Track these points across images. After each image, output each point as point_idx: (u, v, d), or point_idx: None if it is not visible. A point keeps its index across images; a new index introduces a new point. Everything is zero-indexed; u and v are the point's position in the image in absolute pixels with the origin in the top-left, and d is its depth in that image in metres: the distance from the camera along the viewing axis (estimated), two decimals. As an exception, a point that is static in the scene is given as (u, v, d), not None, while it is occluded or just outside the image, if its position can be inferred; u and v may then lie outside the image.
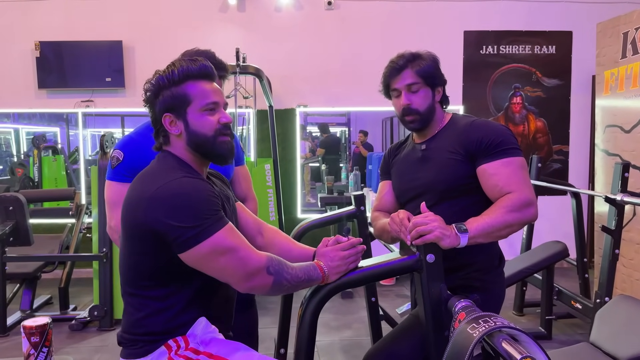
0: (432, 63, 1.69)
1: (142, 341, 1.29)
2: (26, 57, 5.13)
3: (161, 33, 5.19)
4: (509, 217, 1.50)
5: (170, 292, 1.28)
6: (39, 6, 5.12)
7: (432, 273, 1.42)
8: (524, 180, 1.58)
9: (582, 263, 3.96)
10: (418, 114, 1.69)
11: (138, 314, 1.30)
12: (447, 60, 5.31)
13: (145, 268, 1.28)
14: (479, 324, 1.19)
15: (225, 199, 1.41)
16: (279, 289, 1.29)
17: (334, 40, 5.27)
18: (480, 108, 5.41)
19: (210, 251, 1.19)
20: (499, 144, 1.58)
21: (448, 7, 5.32)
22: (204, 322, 1.29)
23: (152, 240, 1.22)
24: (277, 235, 1.57)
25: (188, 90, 1.31)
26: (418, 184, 1.71)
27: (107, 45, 5.15)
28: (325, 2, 5.23)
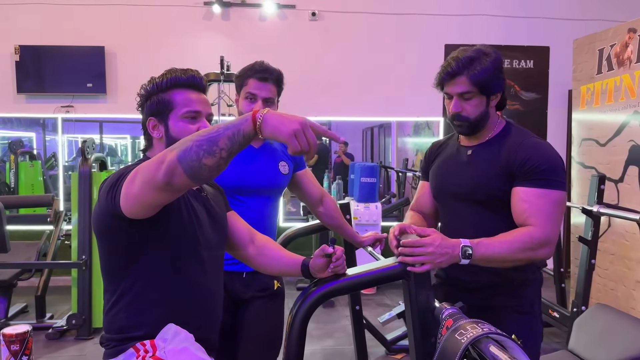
0: (490, 66, 1.58)
1: (114, 340, 1.30)
2: (5, 61, 5.06)
3: (144, 40, 5.17)
4: (520, 254, 1.45)
5: (136, 283, 1.30)
6: (19, 10, 5.06)
7: (420, 281, 1.44)
8: (553, 217, 1.48)
9: (558, 273, 4.05)
10: (467, 121, 1.61)
11: (112, 311, 1.32)
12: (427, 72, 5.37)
13: (112, 259, 1.32)
14: (467, 330, 1.21)
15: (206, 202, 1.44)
16: (191, 155, 1.07)
17: (317, 50, 5.32)
18: (460, 120, 5.51)
19: (128, 183, 1.17)
20: (542, 171, 1.50)
21: (429, 20, 5.42)
22: (174, 328, 1.28)
23: (111, 223, 1.26)
24: (268, 244, 1.59)
25: (173, 97, 1.36)
26: (457, 187, 1.66)
27: (89, 51, 5.11)
28: (310, 13, 5.28)
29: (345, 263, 1.47)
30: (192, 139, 1.08)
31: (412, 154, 6.78)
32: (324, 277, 1.46)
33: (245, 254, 1.57)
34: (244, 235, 1.57)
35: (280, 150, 2.07)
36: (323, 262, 1.44)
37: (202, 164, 1.07)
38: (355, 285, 1.45)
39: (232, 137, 1.08)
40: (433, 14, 5.41)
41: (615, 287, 3.58)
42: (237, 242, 1.57)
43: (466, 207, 1.64)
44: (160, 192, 1.12)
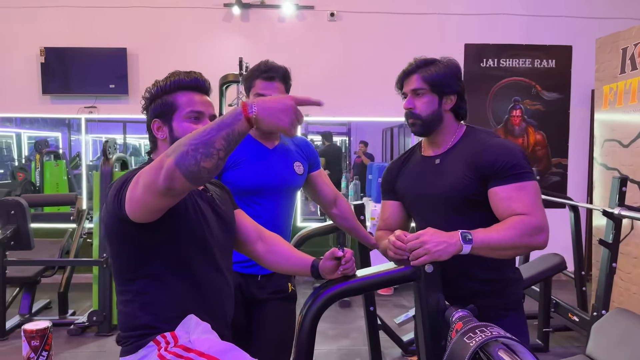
0: (445, 70, 1.66)
1: (133, 337, 1.32)
2: (31, 63, 5.18)
3: (165, 41, 5.24)
4: (518, 240, 1.48)
5: (150, 283, 1.32)
6: (45, 13, 5.18)
7: (430, 283, 1.44)
8: (538, 205, 1.53)
9: (579, 276, 3.98)
10: (419, 119, 1.67)
11: (126, 310, 1.35)
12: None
13: (123, 261, 1.34)
14: (476, 334, 1.21)
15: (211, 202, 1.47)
16: (189, 159, 1.07)
17: (335, 50, 5.33)
18: (479, 120, 5.46)
19: (132, 188, 1.20)
20: (512, 167, 1.54)
21: (449, 20, 5.38)
22: (194, 319, 1.31)
23: (120, 227, 1.28)
24: (277, 242, 1.60)
25: (176, 99, 1.38)
26: (432, 197, 1.69)
27: (112, 53, 5.20)
28: (328, 14, 5.29)
29: (354, 265, 1.47)
30: (187, 142, 1.08)
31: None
32: (332, 278, 1.47)
33: (254, 251, 1.59)
34: (251, 233, 1.59)
35: (295, 151, 2.08)
36: (332, 265, 1.46)
37: (200, 167, 1.08)
38: (365, 287, 1.46)
39: (227, 137, 1.08)
40: (453, 14, 5.36)
41: (638, 291, 3.51)
42: (245, 240, 1.59)
43: (443, 214, 1.65)
44: (162, 196, 1.14)
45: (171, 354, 1.25)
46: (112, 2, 5.20)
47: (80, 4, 5.18)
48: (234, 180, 1.94)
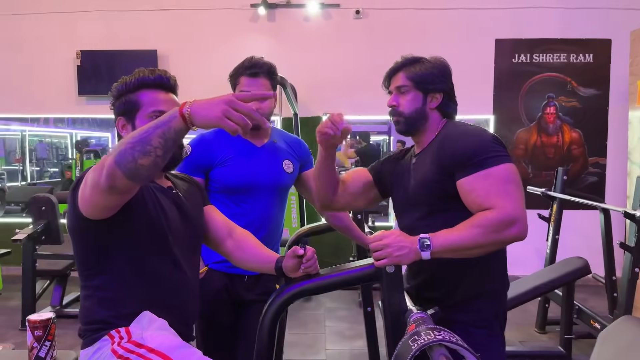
0: (430, 69, 1.61)
1: (90, 330, 1.35)
2: (68, 65, 5.41)
3: (194, 42, 5.35)
4: (483, 238, 1.39)
5: (108, 279, 1.35)
6: (81, 18, 5.40)
7: (392, 283, 1.41)
8: (507, 193, 1.41)
9: (610, 281, 3.78)
10: (402, 117, 1.63)
11: (86, 304, 1.38)
12: (477, 69, 5.26)
13: (83, 257, 1.37)
14: (420, 337, 1.17)
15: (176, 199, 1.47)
16: (127, 157, 1.09)
17: (362, 48, 5.29)
18: (511, 118, 5.28)
19: (83, 187, 1.23)
20: (473, 155, 1.45)
21: (479, 15, 5.23)
22: (149, 316, 1.33)
23: (78, 224, 1.31)
24: (246, 239, 1.60)
25: (140, 98, 1.39)
26: (406, 198, 1.66)
27: (143, 54, 5.36)
28: (354, 12, 5.25)
29: (317, 264, 1.46)
30: (126, 141, 1.10)
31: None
32: (295, 277, 1.46)
33: (223, 249, 1.60)
34: (221, 229, 1.59)
35: (285, 149, 2.07)
36: (294, 263, 1.44)
37: (138, 165, 1.09)
38: (326, 285, 1.44)
39: (163, 134, 1.10)
40: (483, 8, 5.21)
41: (669, 298, 3.29)
42: (214, 237, 1.59)
43: (416, 215, 1.60)
44: (107, 195, 1.17)
45: (123, 349, 1.27)
46: (143, 6, 5.36)
47: (113, 8, 5.36)
48: (220, 178, 1.95)
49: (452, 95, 1.67)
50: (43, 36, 5.45)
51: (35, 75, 5.46)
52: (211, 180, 1.97)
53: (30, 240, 3.84)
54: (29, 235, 3.78)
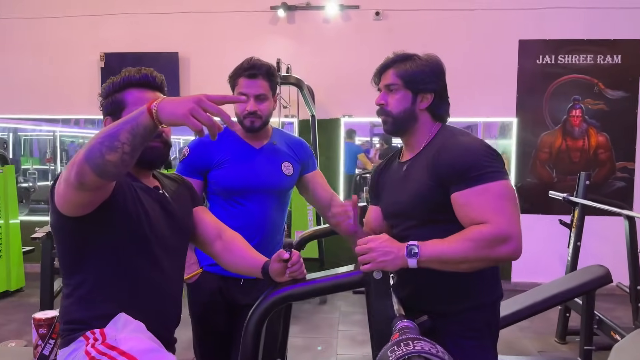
0: (421, 67, 1.55)
1: (67, 330, 1.35)
2: (92, 67, 5.52)
3: (214, 45, 5.39)
4: (474, 253, 1.34)
5: (86, 278, 1.34)
6: (106, 20, 5.51)
7: (379, 290, 1.37)
8: (503, 210, 1.36)
9: (635, 290, 3.62)
10: (390, 116, 1.57)
11: (64, 303, 1.38)
12: (499, 70, 5.15)
13: (63, 255, 1.37)
14: (399, 347, 1.13)
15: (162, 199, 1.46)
16: (94, 152, 1.10)
17: (381, 50, 5.17)
18: (535, 120, 5.15)
19: (59, 184, 1.23)
20: (470, 169, 1.39)
21: (502, 15, 5.11)
22: (124, 318, 1.32)
23: (58, 221, 1.31)
24: (235, 242, 1.58)
25: (125, 97, 1.39)
26: (398, 207, 1.60)
27: (165, 57, 5.43)
28: (374, 13, 5.20)
29: (303, 268, 1.43)
30: (96, 137, 1.10)
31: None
32: (282, 281, 1.43)
33: (212, 250, 1.58)
34: (210, 230, 1.57)
35: (285, 151, 2.04)
36: (280, 267, 1.42)
37: (105, 160, 1.09)
38: (312, 291, 1.41)
39: (131, 130, 1.09)
40: (505, 9, 5.09)
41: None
42: (203, 238, 1.58)
43: (406, 226, 1.55)
44: (77, 191, 1.16)
45: (95, 351, 1.26)
46: (166, 9, 5.43)
47: (137, 10, 5.45)
48: (217, 180, 1.95)
49: (444, 96, 1.60)
50: (69, 39, 5.58)
51: (62, 77, 5.59)
52: (209, 182, 1.97)
53: (49, 238, 3.92)
54: (47, 233, 3.86)
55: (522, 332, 3.98)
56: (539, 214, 5.08)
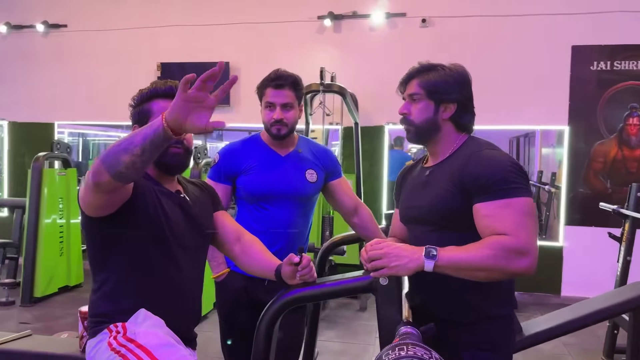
0: (445, 77, 1.55)
1: (94, 322, 1.47)
2: (150, 76, 5.80)
3: (264, 54, 5.55)
4: (492, 262, 1.33)
5: (111, 275, 1.45)
6: (162, 32, 5.80)
7: (386, 295, 1.40)
8: (524, 225, 1.37)
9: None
10: (412, 126, 1.58)
11: (92, 298, 1.49)
12: (551, 77, 5.02)
13: (91, 253, 1.49)
14: (394, 351, 1.16)
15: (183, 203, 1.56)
16: (111, 154, 1.20)
17: (427, 57, 5.09)
18: (589, 129, 4.96)
19: (81, 186, 1.35)
20: (496, 182, 1.40)
21: (554, 20, 4.97)
22: (143, 313, 1.42)
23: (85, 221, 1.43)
24: (253, 245, 1.65)
25: (152, 107, 1.50)
26: (417, 211, 1.61)
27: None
28: (420, 20, 5.20)
29: (313, 272, 1.48)
30: (115, 142, 1.22)
31: (555, 166, 6.24)
32: (293, 284, 1.49)
33: (231, 252, 1.67)
34: (230, 234, 1.66)
35: (310, 159, 2.11)
36: (291, 270, 1.48)
37: (118, 161, 1.19)
38: (320, 295, 1.46)
39: (145, 135, 1.18)
40: (558, 14, 4.95)
41: None
42: (223, 241, 1.66)
43: (423, 230, 1.55)
44: (94, 192, 1.27)
45: (116, 342, 1.38)
46: (218, 20, 5.65)
47: (191, 22, 5.71)
48: (244, 185, 2.04)
49: (468, 106, 1.59)
50: (130, 49, 5.92)
51: (123, 85, 5.87)
52: (237, 187, 2.06)
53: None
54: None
55: (567, 348, 3.84)
56: (592, 226, 4.89)
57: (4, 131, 6.33)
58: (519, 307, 4.63)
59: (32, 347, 2.10)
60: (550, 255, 5.09)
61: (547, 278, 5.07)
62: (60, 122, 6.25)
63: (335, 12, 5.33)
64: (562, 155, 5.34)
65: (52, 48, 6.16)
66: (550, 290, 5.07)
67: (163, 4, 5.86)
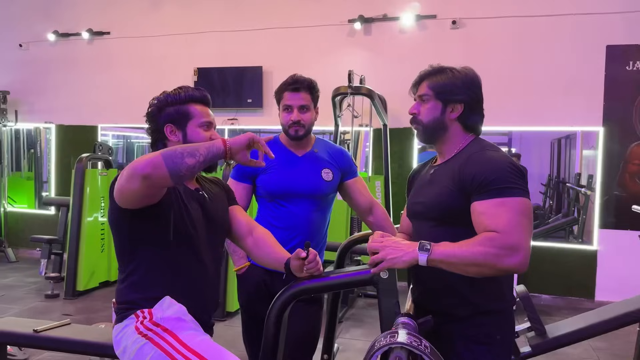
0: (452, 79, 1.61)
1: (121, 309, 1.61)
2: (187, 81, 5.99)
3: (296, 58, 5.68)
4: (482, 257, 1.38)
5: (137, 265, 1.59)
6: (199, 38, 6.01)
7: (385, 288, 1.48)
8: (517, 223, 1.40)
9: None
10: (421, 125, 1.65)
11: (120, 287, 1.64)
12: (584, 78, 4.96)
13: (119, 245, 1.62)
14: (386, 338, 1.24)
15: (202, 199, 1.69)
16: (176, 155, 1.39)
17: (458, 59, 5.12)
18: (625, 130, 4.86)
19: (119, 178, 1.47)
20: (492, 182, 1.45)
21: (588, 20, 4.89)
22: (168, 300, 1.56)
23: (116, 216, 1.57)
24: (264, 238, 1.76)
25: (190, 109, 1.66)
26: (420, 207, 1.68)
27: (250, 71, 5.82)
28: (450, 22, 5.21)
29: (319, 266, 1.57)
30: (178, 148, 1.43)
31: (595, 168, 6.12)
32: (301, 276, 1.59)
33: (244, 245, 1.79)
34: (243, 227, 1.78)
35: (326, 159, 2.20)
36: (299, 264, 1.58)
37: (184, 161, 1.38)
38: (324, 287, 1.56)
39: (208, 150, 1.44)
40: (592, 13, 4.86)
41: None
42: (237, 234, 1.79)
43: (425, 226, 1.62)
44: (139, 182, 1.39)
45: (143, 327, 1.53)
46: (251, 25, 5.82)
47: (225, 28, 5.90)
48: (263, 184, 2.15)
49: (476, 107, 1.64)
50: (168, 55, 6.16)
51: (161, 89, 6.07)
52: (257, 186, 2.17)
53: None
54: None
55: (597, 352, 3.79)
56: (627, 229, 4.78)
57: (52, 134, 6.70)
58: (551, 311, 4.61)
59: (70, 334, 2.28)
60: (583, 259, 5.01)
61: (581, 282, 4.99)
62: (103, 124, 6.56)
63: (365, 16, 5.41)
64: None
65: (95, 54, 6.49)
66: (583, 294, 4.98)
67: (199, 11, 6.07)
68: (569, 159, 6.82)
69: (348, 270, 1.55)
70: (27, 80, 6.70)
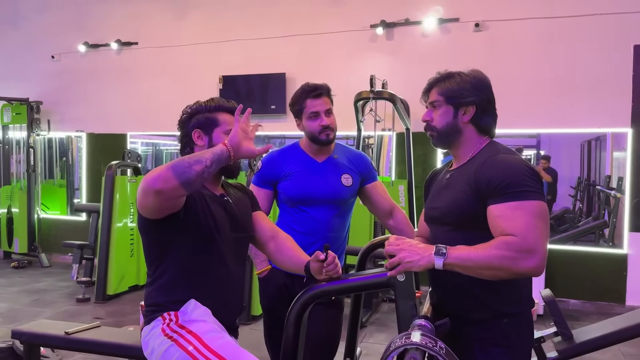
0: (461, 83, 1.62)
1: (150, 311, 1.67)
2: (212, 89, 6.12)
3: (318, 64, 5.73)
4: (498, 261, 1.39)
5: (164, 269, 1.64)
6: (223, 46, 6.12)
7: (403, 291, 1.49)
8: (534, 226, 1.41)
9: None
10: (435, 131, 1.67)
11: (148, 290, 1.70)
12: (611, 78, 4.89)
13: (147, 250, 1.69)
14: (401, 339, 1.26)
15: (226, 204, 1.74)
16: (183, 164, 1.45)
17: (481, 61, 5.17)
18: (653, 131, 4.75)
19: (137, 194, 1.53)
20: (508, 185, 1.45)
21: (615, 20, 4.81)
22: (193, 303, 1.61)
23: (142, 223, 1.63)
24: (286, 243, 1.81)
25: (218, 117, 1.74)
26: (437, 211, 1.69)
27: (273, 78, 5.89)
28: (473, 25, 5.18)
29: (338, 268, 1.60)
30: (184, 158, 1.48)
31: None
32: (320, 279, 1.62)
33: (267, 250, 1.83)
34: (265, 232, 1.83)
35: (346, 164, 2.23)
36: (318, 266, 1.61)
37: (192, 169, 1.44)
38: (342, 289, 1.58)
39: (213, 156, 1.49)
40: (619, 13, 4.78)
41: None
42: (259, 239, 1.84)
43: (441, 230, 1.63)
44: (152, 197, 1.46)
45: (169, 329, 1.59)
46: (274, 33, 5.89)
47: (249, 36, 5.99)
48: (284, 190, 2.19)
49: (488, 108, 1.64)
50: (194, 64, 6.29)
51: (188, 97, 6.19)
52: (278, 192, 2.22)
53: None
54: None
55: (627, 359, 3.71)
56: (658, 232, 4.67)
57: (83, 142, 6.90)
58: (580, 316, 4.53)
59: (100, 336, 2.36)
60: (613, 263, 4.90)
61: (611, 286, 4.88)
62: (132, 132, 6.73)
63: (387, 20, 5.42)
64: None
65: (124, 64, 6.66)
66: (614, 299, 4.87)
67: (223, 21, 6.19)
68: (599, 161, 6.68)
69: (365, 273, 1.57)
70: (59, 90, 6.93)
